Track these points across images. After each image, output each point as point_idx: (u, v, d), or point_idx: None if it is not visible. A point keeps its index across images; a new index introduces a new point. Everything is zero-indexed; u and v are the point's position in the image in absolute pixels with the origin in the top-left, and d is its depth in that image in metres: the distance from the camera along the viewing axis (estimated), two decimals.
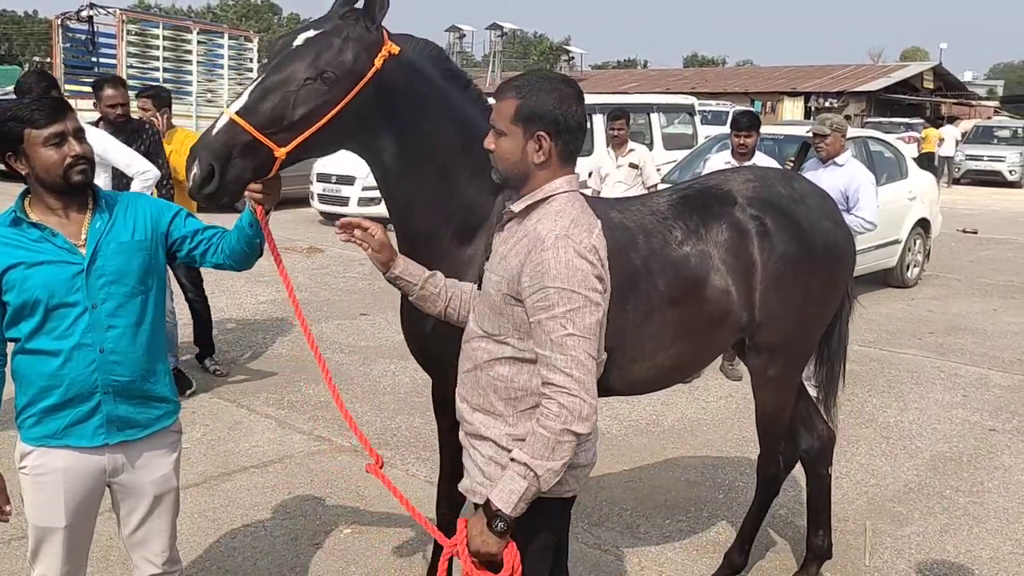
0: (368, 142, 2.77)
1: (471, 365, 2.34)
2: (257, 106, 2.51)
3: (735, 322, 3.32)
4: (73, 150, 2.51)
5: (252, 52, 19.68)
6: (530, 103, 2.20)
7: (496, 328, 2.27)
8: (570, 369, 2.10)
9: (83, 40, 16.90)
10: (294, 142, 2.53)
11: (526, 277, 2.15)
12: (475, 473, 2.34)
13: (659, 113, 14.26)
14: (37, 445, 2.60)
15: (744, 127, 6.74)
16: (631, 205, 3.30)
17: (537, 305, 2.13)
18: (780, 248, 3.32)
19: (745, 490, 4.86)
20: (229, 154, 2.48)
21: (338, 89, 2.55)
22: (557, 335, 2.11)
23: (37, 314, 2.52)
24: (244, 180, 2.53)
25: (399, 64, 2.67)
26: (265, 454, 5.18)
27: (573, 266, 2.11)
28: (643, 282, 3.08)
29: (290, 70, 2.54)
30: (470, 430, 2.36)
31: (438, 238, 2.86)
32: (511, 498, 2.12)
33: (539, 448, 2.10)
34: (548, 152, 2.21)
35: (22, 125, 2.48)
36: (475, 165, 2.79)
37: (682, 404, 6.24)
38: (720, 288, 3.24)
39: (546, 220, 2.19)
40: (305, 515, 4.44)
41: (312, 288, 9.65)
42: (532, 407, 2.23)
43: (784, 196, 3.45)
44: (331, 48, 2.56)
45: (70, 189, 2.55)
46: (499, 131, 2.24)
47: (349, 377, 6.66)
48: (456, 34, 52.88)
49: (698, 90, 35.50)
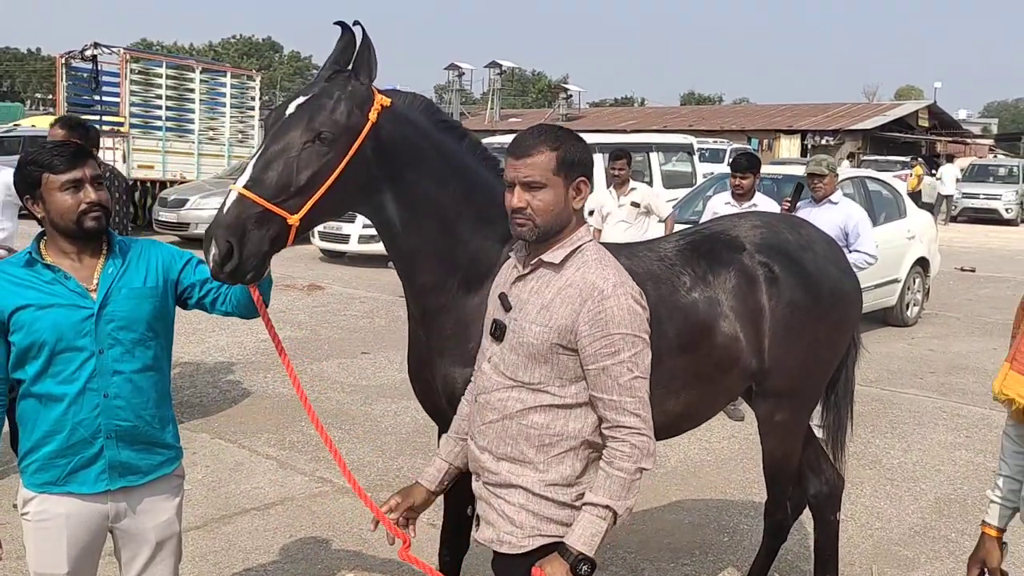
0: (373, 200, 2.77)
1: (496, 416, 2.33)
2: (262, 177, 2.51)
3: (744, 369, 3.31)
4: (88, 197, 2.53)
5: (254, 90, 19.90)
6: (569, 152, 2.25)
7: (535, 377, 2.28)
8: (638, 410, 2.22)
9: (86, 79, 17.06)
10: (305, 207, 2.53)
11: (584, 326, 2.20)
12: (501, 523, 2.33)
13: (658, 152, 14.40)
14: (39, 491, 2.60)
15: (743, 168, 6.79)
16: (639, 251, 3.31)
17: (601, 352, 2.20)
18: (788, 295, 3.33)
19: (750, 533, 4.82)
20: (244, 228, 2.47)
21: (338, 147, 2.57)
22: (625, 379, 2.20)
23: (42, 356, 2.52)
24: (264, 253, 2.52)
25: (393, 116, 2.69)
26: (266, 496, 5.15)
27: (634, 311, 2.22)
28: (653, 329, 3.07)
29: (288, 137, 2.55)
30: (495, 480, 2.35)
31: (444, 289, 2.86)
32: (594, 540, 2.20)
33: (616, 489, 2.20)
34: (584, 199, 2.29)
35: (41, 169, 2.52)
36: (478, 215, 2.82)
37: (685, 445, 6.21)
38: (729, 335, 3.24)
39: (592, 269, 2.25)
40: (307, 559, 4.40)
41: (312, 326, 9.64)
42: (564, 452, 2.28)
43: (792, 242, 3.46)
44: (324, 109, 2.58)
45: (84, 234, 2.57)
46: (537, 184, 2.23)
47: (350, 417, 6.63)
48: (455, 72, 53.40)
49: (695, 127, 35.84)
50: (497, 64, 51.91)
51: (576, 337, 2.21)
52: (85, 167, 2.55)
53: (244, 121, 19.51)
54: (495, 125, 42.99)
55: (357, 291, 12.08)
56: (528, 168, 2.23)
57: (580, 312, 2.20)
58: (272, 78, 70.52)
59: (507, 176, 2.28)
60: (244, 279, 2.54)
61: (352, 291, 12.04)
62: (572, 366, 2.25)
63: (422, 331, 2.96)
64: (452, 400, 2.85)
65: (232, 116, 18.98)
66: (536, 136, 2.27)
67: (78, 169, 2.53)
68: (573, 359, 2.24)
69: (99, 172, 2.62)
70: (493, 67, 51.82)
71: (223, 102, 18.84)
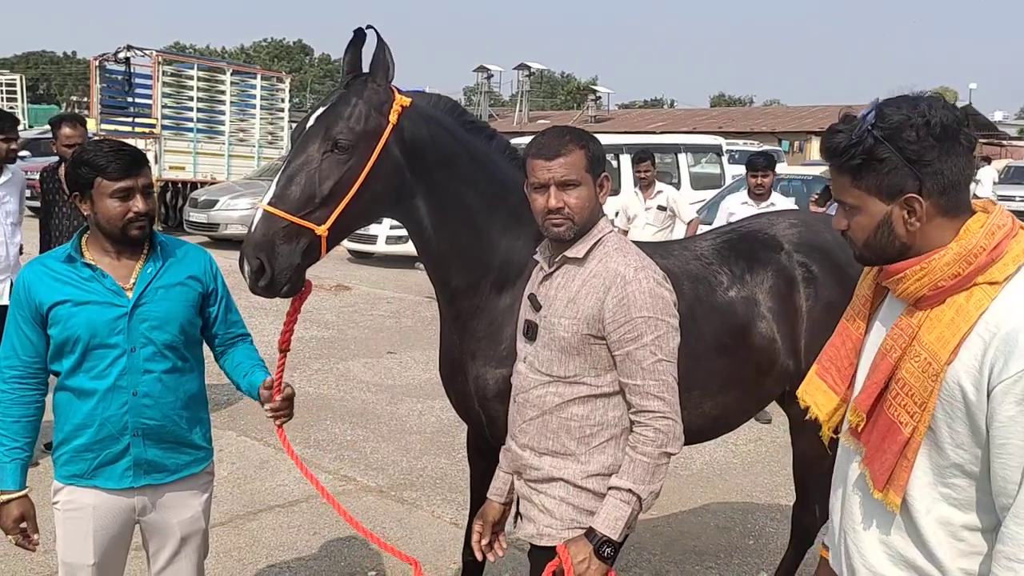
0: (405, 204, 2.76)
1: (536, 412, 2.34)
2: (286, 192, 2.54)
3: (782, 371, 3.26)
4: (136, 206, 2.56)
5: (284, 92, 20.07)
6: (594, 149, 2.30)
7: (570, 370, 2.29)
8: (663, 393, 2.22)
9: (120, 81, 17.28)
10: (331, 217, 2.54)
11: (609, 313, 2.22)
12: (541, 518, 2.34)
13: (687, 153, 14.30)
14: (68, 483, 2.64)
15: (763, 167, 6.84)
16: (673, 249, 3.28)
17: (625, 337, 2.21)
18: (825, 295, 3.27)
19: (776, 536, 4.77)
20: (272, 244, 2.50)
21: (359, 153, 2.57)
22: (648, 363, 2.21)
23: (77, 351, 2.56)
24: (296, 265, 2.54)
25: (417, 115, 2.68)
26: (291, 493, 5.17)
27: (656, 294, 2.23)
28: (689, 329, 3.02)
29: (308, 150, 2.57)
30: (536, 476, 2.36)
31: (477, 291, 2.85)
32: (617, 524, 2.21)
33: (640, 473, 2.21)
34: (607, 194, 2.32)
35: (94, 173, 2.54)
36: (509, 215, 2.81)
37: (710, 448, 6.15)
38: (766, 336, 3.19)
39: (613, 257, 2.28)
40: (330, 556, 4.42)
41: (339, 326, 9.70)
42: (606, 440, 2.29)
43: (831, 242, 3.40)
44: (340, 117, 2.58)
45: (126, 241, 2.60)
46: (573, 183, 2.26)
47: (376, 416, 6.65)
48: (484, 74, 53.46)
49: (725, 129, 35.56)
50: (526, 66, 51.88)
51: (603, 325, 2.23)
52: (139, 176, 2.57)
53: (274, 123, 19.69)
54: (524, 127, 42.95)
55: (384, 291, 12.13)
56: (564, 168, 2.25)
57: (605, 300, 2.23)
58: (302, 80, 71.06)
59: (538, 178, 2.27)
60: (280, 292, 2.57)
61: (379, 291, 12.09)
62: (605, 355, 2.27)
63: (456, 335, 2.94)
64: (484, 401, 2.84)
65: (262, 118, 19.18)
66: (562, 136, 2.30)
67: (131, 178, 2.55)
68: (605, 348, 2.26)
69: (151, 180, 2.65)
70: (522, 69, 51.80)
71: (253, 104, 19.03)
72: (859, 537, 1.82)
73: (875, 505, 1.78)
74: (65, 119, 5.80)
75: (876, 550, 1.79)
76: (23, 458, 2.62)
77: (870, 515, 1.80)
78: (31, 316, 2.57)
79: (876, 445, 1.74)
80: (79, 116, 6.11)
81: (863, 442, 1.79)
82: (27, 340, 2.60)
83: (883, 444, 1.72)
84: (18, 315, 2.60)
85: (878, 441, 1.74)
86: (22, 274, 2.63)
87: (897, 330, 1.74)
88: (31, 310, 2.57)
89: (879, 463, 1.73)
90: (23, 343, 2.60)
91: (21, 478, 2.62)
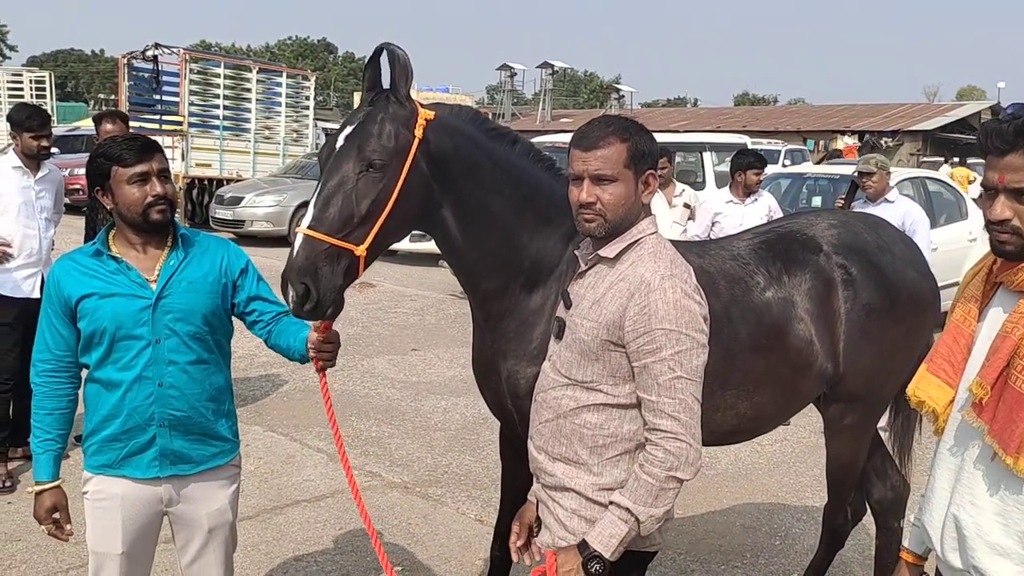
0: (433, 216, 2.76)
1: (552, 415, 2.27)
2: (324, 215, 2.52)
3: (820, 373, 3.21)
4: (154, 190, 2.60)
5: (309, 90, 20.18)
6: (639, 144, 2.18)
7: (588, 375, 2.21)
8: (677, 413, 2.08)
9: (147, 79, 17.43)
10: (369, 236, 2.54)
11: (629, 321, 2.11)
12: (556, 528, 2.27)
13: (711, 152, 14.23)
14: (97, 472, 2.68)
15: (756, 164, 7.00)
16: (710, 249, 3.24)
17: (643, 348, 2.09)
18: (864, 297, 3.23)
19: (802, 537, 4.74)
20: (315, 267, 2.49)
21: (391, 170, 2.56)
22: (665, 378, 2.08)
23: (104, 343, 2.61)
24: (339, 286, 2.54)
25: (440, 127, 2.68)
26: (317, 488, 5.20)
27: (681, 306, 2.09)
28: (725, 329, 2.97)
29: (342, 171, 2.55)
30: (551, 482, 2.29)
31: (507, 293, 2.84)
32: (611, 542, 2.10)
33: (642, 494, 2.09)
34: (653, 192, 2.22)
35: (110, 163, 2.60)
36: (537, 218, 2.79)
37: (736, 448, 6.11)
38: (803, 338, 3.14)
39: (645, 262, 2.16)
40: (356, 551, 4.43)
41: (364, 323, 9.73)
42: (620, 454, 2.19)
43: (870, 243, 3.36)
44: (370, 136, 2.56)
45: (149, 227, 2.64)
46: (607, 178, 2.16)
47: (400, 413, 6.67)
48: (507, 72, 53.43)
49: (749, 128, 35.32)
50: (549, 64, 51.80)
51: (623, 333, 2.12)
52: (153, 160, 2.62)
53: (299, 120, 19.81)
54: (547, 125, 42.90)
55: (408, 289, 12.17)
56: (599, 161, 2.15)
57: (628, 306, 2.11)
58: (326, 78, 71.45)
59: (574, 169, 2.20)
60: (325, 315, 2.56)
61: (403, 289, 12.13)
62: (625, 364, 2.15)
63: (488, 336, 2.95)
64: (516, 398, 2.84)
65: (287, 115, 19.28)
66: (605, 127, 2.19)
67: (145, 163, 2.60)
68: (625, 357, 2.15)
69: (166, 165, 2.68)
70: (545, 67, 51.72)
71: (279, 102, 19.12)
72: (977, 512, 1.94)
73: (999, 478, 1.89)
74: (106, 115, 5.90)
75: (993, 524, 1.91)
76: (56, 450, 2.68)
77: (995, 487, 1.91)
78: (62, 310, 2.62)
79: (1006, 416, 1.86)
80: (121, 112, 6.16)
81: (985, 420, 1.90)
82: (59, 335, 2.64)
83: (1012, 414, 1.85)
84: (50, 310, 2.65)
85: (1007, 412, 1.86)
86: (53, 270, 2.68)
87: (1017, 314, 1.89)
88: (61, 304, 2.62)
89: (1010, 432, 1.85)
90: (55, 337, 2.65)
91: (54, 469, 2.67)
